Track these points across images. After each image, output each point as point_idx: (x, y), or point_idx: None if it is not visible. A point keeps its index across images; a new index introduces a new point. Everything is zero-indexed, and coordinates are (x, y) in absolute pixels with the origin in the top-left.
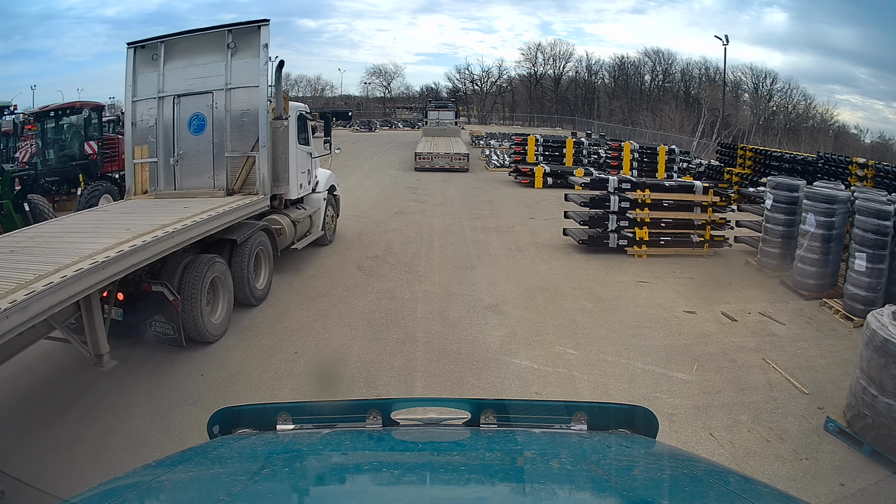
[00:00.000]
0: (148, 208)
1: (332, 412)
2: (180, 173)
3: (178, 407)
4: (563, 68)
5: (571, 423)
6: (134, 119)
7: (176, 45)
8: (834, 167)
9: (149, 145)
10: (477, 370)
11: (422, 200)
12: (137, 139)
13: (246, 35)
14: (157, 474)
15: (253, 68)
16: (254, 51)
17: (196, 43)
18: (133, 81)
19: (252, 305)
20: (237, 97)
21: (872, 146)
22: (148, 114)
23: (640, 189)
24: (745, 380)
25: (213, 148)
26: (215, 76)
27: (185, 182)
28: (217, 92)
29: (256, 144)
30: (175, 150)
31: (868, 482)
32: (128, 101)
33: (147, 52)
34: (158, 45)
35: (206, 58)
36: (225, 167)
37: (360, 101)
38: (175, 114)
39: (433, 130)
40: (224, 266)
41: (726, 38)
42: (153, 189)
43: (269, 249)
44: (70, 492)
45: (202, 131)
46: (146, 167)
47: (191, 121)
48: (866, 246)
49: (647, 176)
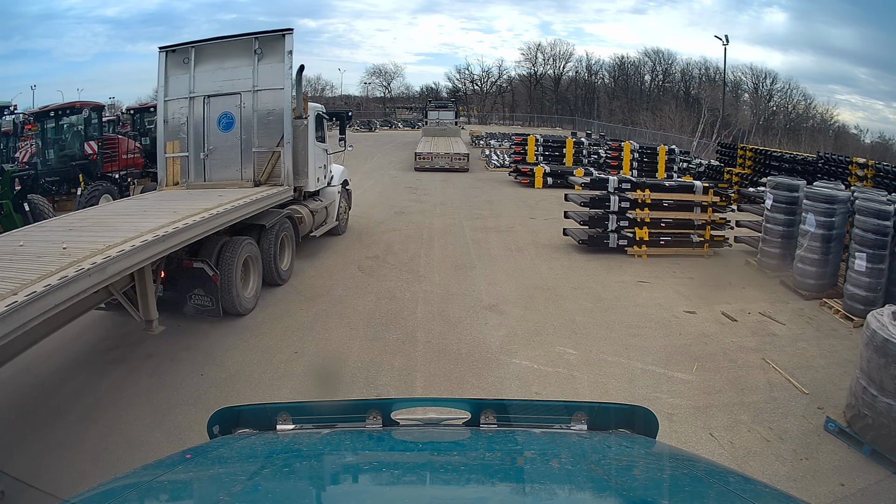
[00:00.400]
0: (186, 196)
1: (332, 412)
2: (210, 166)
3: (178, 407)
4: (563, 68)
5: (571, 423)
6: (166, 117)
7: (205, 49)
8: (834, 167)
9: (180, 141)
10: (477, 370)
11: (422, 200)
12: (169, 135)
13: (271, 42)
14: (157, 474)
15: (278, 72)
16: (279, 56)
17: (225, 48)
18: (165, 82)
19: (277, 285)
20: (263, 98)
21: (872, 146)
22: (179, 112)
23: (640, 189)
24: (745, 380)
25: (241, 144)
26: (243, 79)
27: (214, 174)
28: (245, 93)
29: (281, 141)
30: (205, 145)
31: (868, 482)
32: (160, 100)
33: (178, 56)
34: (189, 49)
35: (234, 62)
36: (252, 161)
37: (360, 101)
38: (205, 112)
39: (433, 130)
40: (255, 247)
41: (726, 38)
42: (184, 181)
43: (292, 235)
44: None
45: (231, 128)
46: (177, 161)
47: (220, 119)
48: (866, 246)
49: (647, 176)
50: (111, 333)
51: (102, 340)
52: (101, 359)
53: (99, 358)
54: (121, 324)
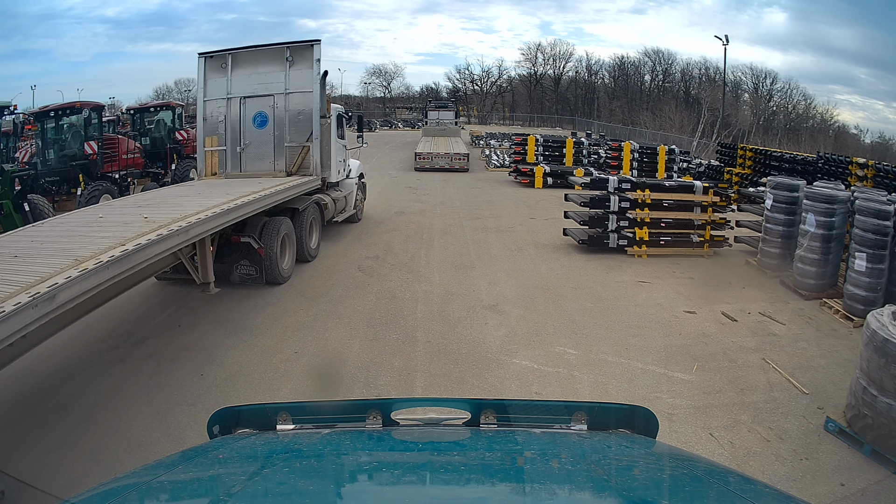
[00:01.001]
0: (229, 183)
1: (332, 412)
2: (245, 159)
3: (178, 407)
4: (563, 68)
5: (571, 423)
6: (205, 115)
7: (241, 56)
8: (834, 167)
9: (218, 136)
10: (477, 370)
11: (422, 200)
12: (208, 131)
13: (301, 51)
14: (157, 474)
15: (307, 77)
16: (308, 63)
17: (259, 55)
18: (204, 84)
19: (307, 260)
20: (294, 99)
21: (872, 146)
22: (217, 111)
23: (640, 189)
24: (745, 380)
25: (274, 139)
26: (276, 82)
27: (249, 166)
28: (277, 95)
29: (310, 137)
30: (241, 140)
31: (868, 482)
32: (200, 100)
33: (216, 61)
34: (226, 55)
35: (267, 67)
36: (284, 154)
37: (360, 101)
38: (241, 112)
39: (433, 130)
40: (291, 226)
41: (726, 38)
42: (222, 171)
43: (319, 219)
44: (70, 492)
45: (265, 126)
46: (215, 154)
47: (255, 117)
48: (866, 246)
49: (647, 176)
50: (111, 333)
51: (103, 340)
52: (101, 359)
53: (99, 358)
54: (121, 324)
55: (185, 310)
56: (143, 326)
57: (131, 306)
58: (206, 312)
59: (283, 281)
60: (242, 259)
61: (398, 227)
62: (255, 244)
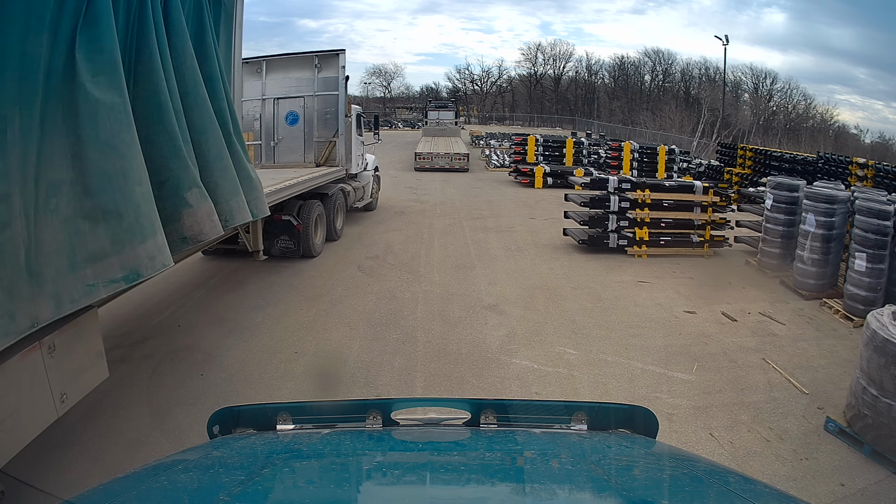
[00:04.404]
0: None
1: (332, 412)
2: (278, 152)
3: (178, 407)
4: (563, 68)
5: (571, 423)
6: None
7: (274, 62)
8: (834, 167)
9: (253, 132)
10: (477, 370)
11: (422, 200)
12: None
13: (328, 58)
14: (157, 474)
15: (333, 82)
16: (333, 69)
17: (290, 62)
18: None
19: (334, 239)
20: (321, 100)
21: (872, 146)
22: (253, 110)
23: (640, 189)
24: (745, 380)
25: (304, 135)
26: (305, 86)
27: (281, 158)
28: (307, 97)
29: (337, 133)
30: (275, 136)
31: (868, 482)
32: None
33: (252, 66)
34: (262, 62)
35: (297, 73)
36: (313, 148)
37: (360, 101)
38: (274, 111)
39: (433, 130)
40: (322, 209)
41: (726, 38)
42: (258, 163)
43: (343, 204)
44: (70, 492)
45: (296, 123)
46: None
47: (287, 116)
48: (866, 246)
49: (647, 176)
50: (111, 333)
51: (102, 340)
52: None
53: None
54: (121, 324)
55: (185, 310)
56: (143, 326)
57: (131, 306)
58: (206, 312)
59: (316, 255)
60: (283, 234)
61: (398, 227)
62: (295, 221)
